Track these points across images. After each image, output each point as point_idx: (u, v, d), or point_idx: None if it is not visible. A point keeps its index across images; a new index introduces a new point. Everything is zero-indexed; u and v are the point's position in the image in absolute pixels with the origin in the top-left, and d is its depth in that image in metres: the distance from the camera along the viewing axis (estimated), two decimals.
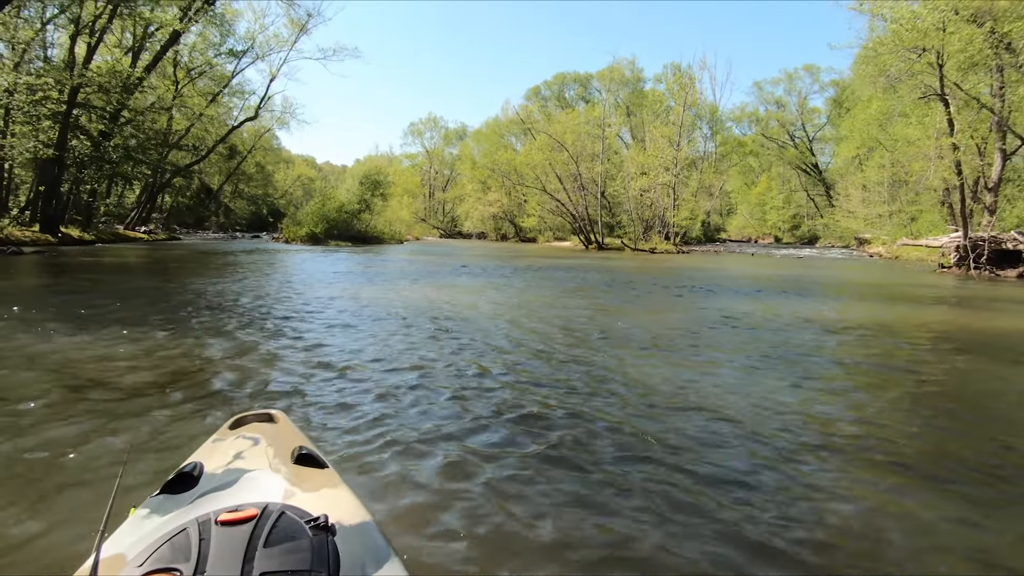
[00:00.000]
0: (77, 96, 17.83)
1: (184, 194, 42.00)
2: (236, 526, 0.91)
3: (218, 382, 3.52)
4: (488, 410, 3.09)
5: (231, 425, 1.71)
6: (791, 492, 2.16)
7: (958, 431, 3.01)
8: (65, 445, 2.47)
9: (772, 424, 2.91)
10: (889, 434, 2.84)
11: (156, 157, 24.14)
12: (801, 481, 2.25)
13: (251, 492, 1.20)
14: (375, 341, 4.83)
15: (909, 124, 22.06)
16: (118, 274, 11.07)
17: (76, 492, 2.08)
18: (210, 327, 5.25)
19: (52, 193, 18.80)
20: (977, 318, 7.62)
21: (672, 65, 40.92)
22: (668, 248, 28.16)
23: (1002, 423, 3.20)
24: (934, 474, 2.40)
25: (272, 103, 31.14)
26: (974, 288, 11.58)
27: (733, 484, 2.22)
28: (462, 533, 1.86)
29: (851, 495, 2.16)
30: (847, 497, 2.14)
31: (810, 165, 46.15)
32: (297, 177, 65.64)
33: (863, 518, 1.99)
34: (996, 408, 3.54)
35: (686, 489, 2.16)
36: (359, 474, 2.25)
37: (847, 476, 2.34)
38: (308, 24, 26.88)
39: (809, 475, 2.31)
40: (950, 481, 2.32)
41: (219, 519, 0.93)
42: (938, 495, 2.20)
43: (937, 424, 3.11)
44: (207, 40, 25.16)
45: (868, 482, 2.29)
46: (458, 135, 63.15)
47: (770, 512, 1.99)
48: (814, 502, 2.09)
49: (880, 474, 2.36)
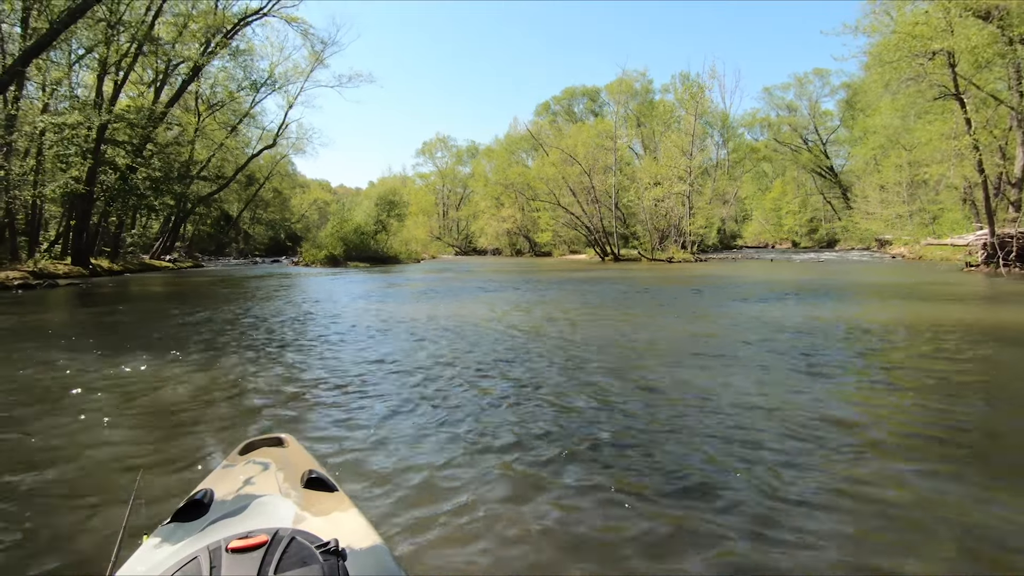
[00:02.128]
0: (105, 132, 18.47)
1: (205, 222, 42.98)
2: (247, 553, 0.92)
3: (251, 403, 3.64)
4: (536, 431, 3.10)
5: (241, 451, 1.73)
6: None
7: (999, 421, 3.01)
8: (79, 472, 2.55)
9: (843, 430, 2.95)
10: (950, 425, 2.85)
11: (180, 188, 24.80)
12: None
13: (262, 518, 1.21)
14: (409, 361, 4.93)
15: (929, 122, 21.87)
16: (154, 302, 11.38)
17: (89, 522, 2.10)
18: (256, 350, 5.40)
19: (82, 226, 19.41)
20: (1012, 313, 7.50)
21: (681, 75, 41.10)
22: (685, 257, 28.06)
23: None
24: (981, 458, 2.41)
25: (288, 130, 31.76)
26: (1005, 285, 11.39)
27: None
28: (476, 558, 1.83)
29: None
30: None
31: (825, 168, 45.78)
32: (313, 201, 66.77)
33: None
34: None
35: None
36: (370, 498, 2.23)
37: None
38: (324, 53, 27.63)
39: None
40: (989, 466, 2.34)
41: (229, 546, 0.93)
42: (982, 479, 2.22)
43: (983, 413, 3.11)
44: (228, 74, 25.95)
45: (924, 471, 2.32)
46: (469, 153, 63.91)
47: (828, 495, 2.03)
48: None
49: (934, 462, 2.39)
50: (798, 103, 46.98)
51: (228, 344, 5.82)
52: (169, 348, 5.50)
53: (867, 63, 21.73)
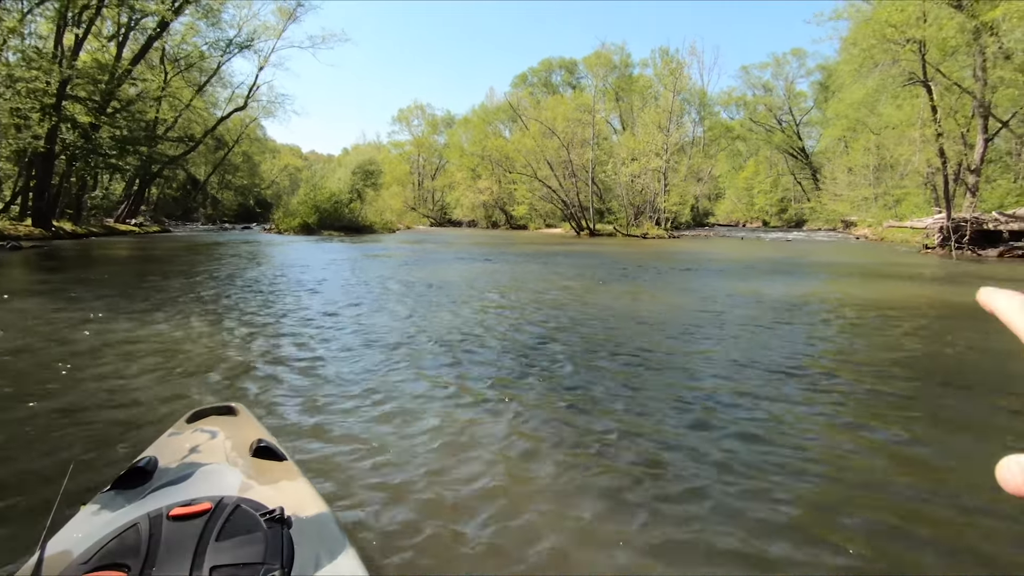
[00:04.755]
0: (66, 88, 17.66)
1: (171, 186, 41.60)
2: (188, 520, 0.91)
3: (210, 371, 3.56)
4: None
5: (188, 418, 1.68)
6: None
7: (931, 373, 3.37)
8: (12, 437, 2.44)
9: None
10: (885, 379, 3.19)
11: (146, 148, 23.94)
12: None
13: (207, 486, 1.18)
14: (384, 332, 5.08)
15: (896, 106, 22.49)
16: (130, 265, 11.17)
17: (22, 489, 2.02)
18: (223, 316, 5.47)
19: (43, 187, 18.66)
20: (955, 292, 8.03)
21: (660, 50, 40.96)
22: (659, 233, 28.53)
23: (974, 372, 3.56)
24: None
25: (260, 92, 30.76)
26: (955, 267, 12.05)
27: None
28: (421, 524, 1.85)
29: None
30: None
31: (797, 149, 46.61)
32: (284, 167, 65.24)
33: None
34: (969, 361, 3.91)
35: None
36: (323, 469, 2.20)
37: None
38: (297, 12, 26.62)
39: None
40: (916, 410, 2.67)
41: (171, 513, 0.92)
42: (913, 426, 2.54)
43: (915, 367, 3.48)
44: (195, 30, 24.85)
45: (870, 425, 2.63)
46: (445, 123, 62.86)
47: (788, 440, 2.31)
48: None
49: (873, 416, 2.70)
50: (774, 83, 47.46)
51: (201, 309, 5.87)
52: (141, 310, 5.52)
53: (841, 47, 22.15)
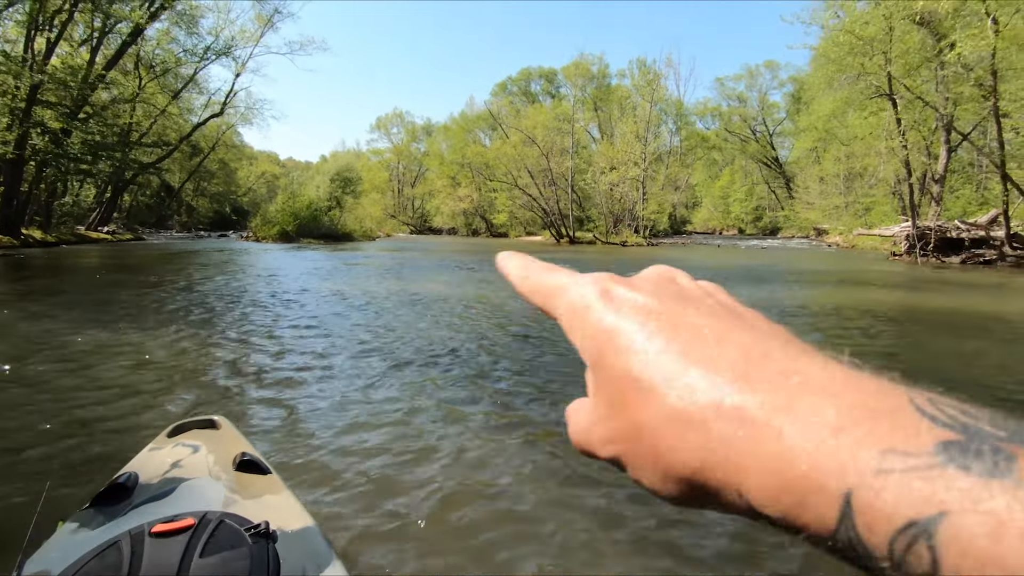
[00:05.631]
0: (37, 93, 17.29)
1: (144, 193, 40.83)
2: (171, 537, 0.89)
3: (190, 384, 3.47)
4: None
5: (169, 433, 1.65)
6: None
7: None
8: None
9: None
10: None
11: (120, 154, 23.52)
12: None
13: (189, 501, 1.16)
14: (368, 341, 5.12)
15: (864, 118, 23.26)
16: (103, 274, 10.96)
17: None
18: (203, 328, 5.45)
19: (11, 194, 18.18)
20: (918, 298, 8.39)
21: (637, 61, 41.70)
22: (638, 241, 28.93)
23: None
24: None
25: (237, 99, 30.46)
26: (919, 273, 12.51)
27: None
28: (408, 537, 1.85)
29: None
30: None
31: (771, 159, 47.81)
32: (261, 174, 64.50)
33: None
34: (929, 360, 4.11)
35: None
36: (306, 482, 2.18)
37: None
38: (274, 19, 26.48)
39: None
40: None
41: (153, 530, 0.90)
42: None
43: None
44: (170, 36, 24.58)
45: None
46: (425, 130, 62.91)
47: None
48: None
49: None
50: (748, 94, 48.74)
51: (179, 320, 5.78)
52: (116, 321, 5.44)
53: (813, 57, 22.84)
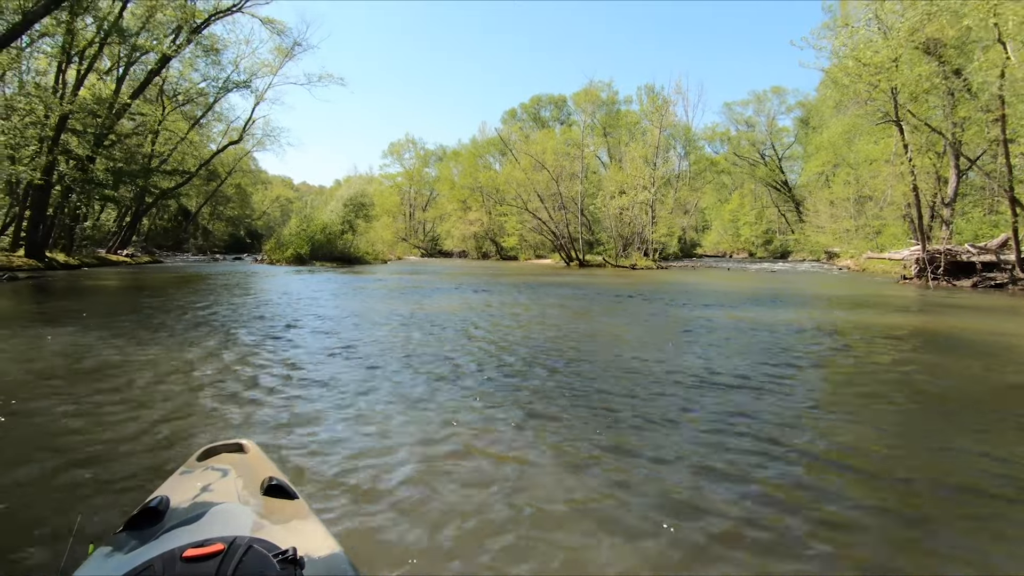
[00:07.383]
0: (66, 123, 17.98)
1: (162, 217, 41.83)
2: (202, 561, 0.91)
3: (217, 407, 3.50)
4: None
5: (199, 456, 1.68)
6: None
7: (914, 396, 3.64)
8: (24, 476, 2.39)
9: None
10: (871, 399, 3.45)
11: (142, 180, 24.25)
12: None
13: (219, 525, 1.18)
14: (391, 364, 5.28)
15: (873, 142, 23.43)
16: (125, 296, 11.27)
17: (34, 532, 1.97)
18: (228, 348, 5.64)
19: (38, 218, 18.80)
20: (930, 321, 8.41)
21: (647, 87, 42.44)
22: (648, 264, 29.04)
23: (949, 395, 3.84)
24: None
25: (254, 126, 31.32)
26: (931, 296, 12.51)
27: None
28: (436, 565, 1.84)
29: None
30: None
31: (780, 182, 48.01)
32: (275, 198, 65.90)
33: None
34: (942, 385, 4.19)
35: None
36: (333, 507, 2.15)
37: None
38: (294, 51, 27.39)
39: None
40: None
41: (184, 555, 0.92)
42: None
43: (897, 391, 3.74)
44: (194, 67, 25.48)
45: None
46: (436, 156, 64.01)
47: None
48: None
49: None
50: (756, 119, 49.21)
51: (203, 342, 5.81)
52: (144, 343, 5.57)
53: (820, 83, 23.16)
